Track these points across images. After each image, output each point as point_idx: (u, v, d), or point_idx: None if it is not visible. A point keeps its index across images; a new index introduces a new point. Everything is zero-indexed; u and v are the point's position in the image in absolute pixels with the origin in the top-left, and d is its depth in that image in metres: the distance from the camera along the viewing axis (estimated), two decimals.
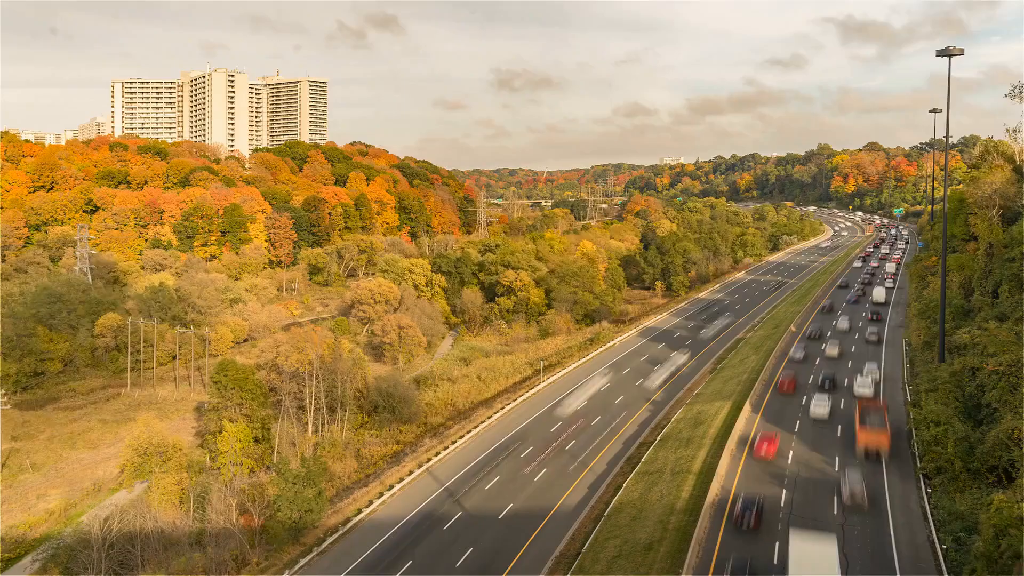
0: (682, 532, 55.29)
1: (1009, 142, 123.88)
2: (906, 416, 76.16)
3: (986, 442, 58.54)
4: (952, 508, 54.79)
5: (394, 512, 68.44)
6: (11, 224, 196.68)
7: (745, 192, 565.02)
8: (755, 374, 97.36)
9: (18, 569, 69.22)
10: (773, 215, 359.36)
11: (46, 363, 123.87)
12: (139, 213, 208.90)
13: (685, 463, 70.47)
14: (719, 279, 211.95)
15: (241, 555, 62.87)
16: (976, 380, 67.50)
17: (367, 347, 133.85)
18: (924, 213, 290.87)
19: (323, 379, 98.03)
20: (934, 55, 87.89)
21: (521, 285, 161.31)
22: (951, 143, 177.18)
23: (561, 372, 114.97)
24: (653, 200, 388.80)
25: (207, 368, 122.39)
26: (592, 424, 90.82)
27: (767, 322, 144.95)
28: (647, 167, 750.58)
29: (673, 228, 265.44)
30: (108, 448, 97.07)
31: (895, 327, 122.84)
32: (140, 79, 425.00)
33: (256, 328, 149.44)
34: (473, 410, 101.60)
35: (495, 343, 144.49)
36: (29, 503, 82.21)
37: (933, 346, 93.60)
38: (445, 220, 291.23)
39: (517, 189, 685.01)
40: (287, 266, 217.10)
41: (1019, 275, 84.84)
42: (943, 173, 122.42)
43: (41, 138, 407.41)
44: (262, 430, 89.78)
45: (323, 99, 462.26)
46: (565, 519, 65.75)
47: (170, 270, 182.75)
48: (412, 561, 59.27)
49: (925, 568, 48.21)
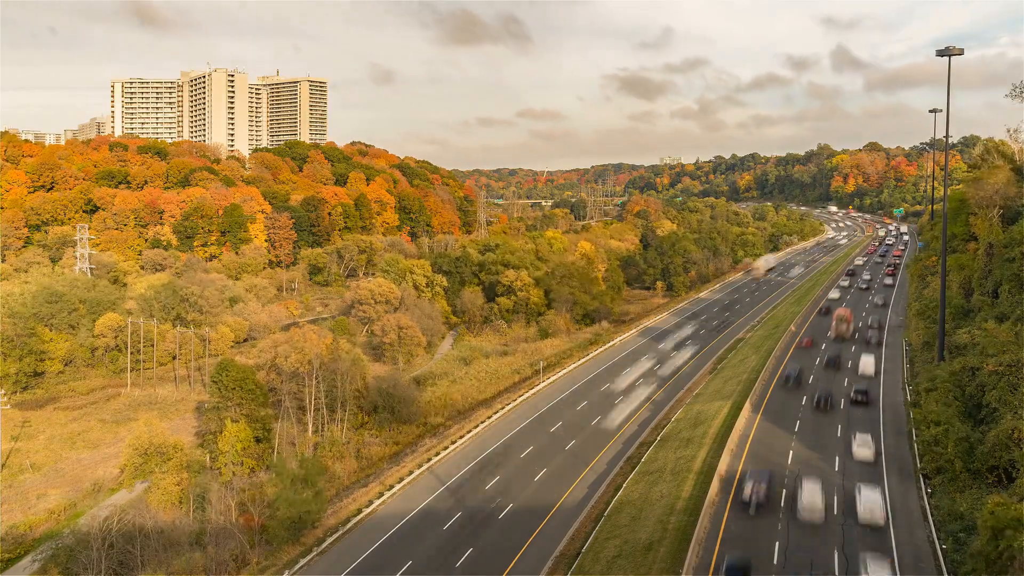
0: (682, 532, 55.23)
1: (1009, 142, 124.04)
2: (906, 416, 76.20)
3: (986, 442, 58.51)
4: (952, 508, 54.79)
5: (394, 512, 68.44)
6: (11, 224, 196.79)
7: (745, 192, 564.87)
8: (755, 374, 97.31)
9: (18, 569, 69.23)
10: (773, 215, 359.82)
11: (46, 363, 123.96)
12: (139, 213, 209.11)
13: (685, 463, 70.45)
14: (719, 279, 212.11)
15: (241, 555, 62.90)
16: (976, 380, 67.46)
17: (367, 347, 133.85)
18: (924, 213, 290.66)
19: (323, 379, 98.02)
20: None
21: (521, 285, 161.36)
22: (951, 143, 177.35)
23: (561, 372, 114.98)
24: (653, 200, 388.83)
25: (207, 368, 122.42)
26: (592, 424, 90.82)
27: (767, 322, 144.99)
28: (647, 167, 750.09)
29: (673, 228, 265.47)
30: (108, 448, 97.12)
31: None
32: (140, 79, 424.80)
33: (256, 328, 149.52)
34: (473, 410, 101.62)
35: (495, 343, 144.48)
36: (29, 503, 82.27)
37: (933, 346, 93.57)
38: (445, 220, 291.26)
39: (517, 189, 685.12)
40: (287, 266, 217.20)
41: (1019, 275, 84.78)
42: (943, 173, 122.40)
43: (41, 138, 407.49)
44: (263, 430, 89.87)
45: (323, 99, 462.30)
46: (565, 519, 65.76)
47: (170, 270, 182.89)
48: (412, 561, 59.27)
49: (925, 568, 48.20)
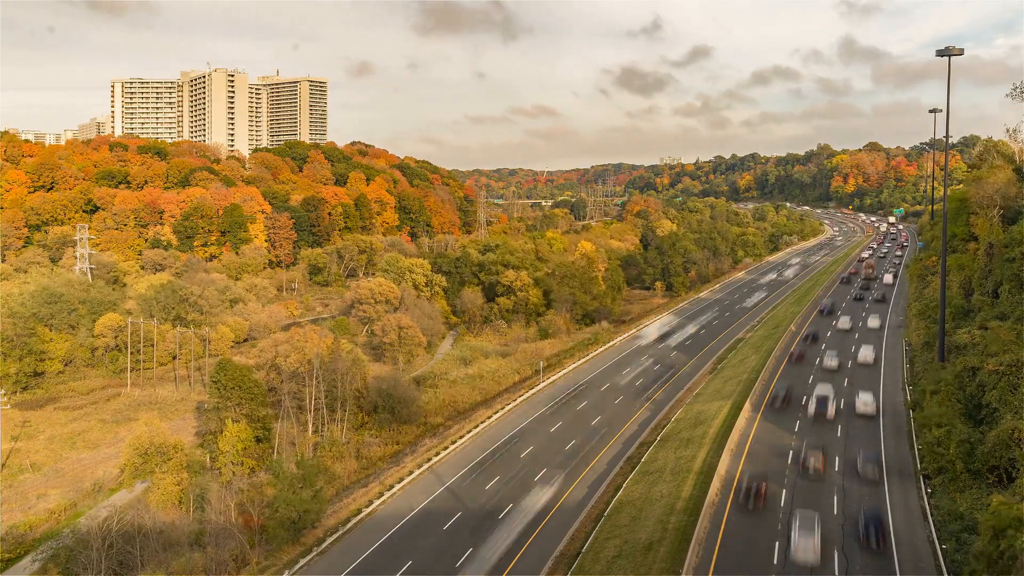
0: (682, 532, 55.24)
1: (1009, 142, 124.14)
2: (906, 416, 76.14)
3: (986, 442, 58.49)
4: (952, 508, 54.80)
5: (394, 512, 68.43)
6: (11, 224, 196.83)
7: (745, 192, 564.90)
8: (755, 374, 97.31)
9: (18, 569, 69.20)
10: (773, 215, 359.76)
11: (46, 363, 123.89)
12: (139, 213, 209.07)
13: (685, 463, 70.45)
14: (719, 279, 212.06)
15: (241, 555, 62.82)
16: (976, 380, 67.42)
17: (367, 347, 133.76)
18: (924, 213, 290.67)
19: (323, 379, 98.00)
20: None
21: (521, 285, 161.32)
22: (951, 143, 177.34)
23: (561, 372, 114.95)
24: (653, 200, 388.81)
25: (207, 368, 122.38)
26: (592, 424, 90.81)
27: (767, 322, 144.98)
28: (647, 167, 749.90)
29: (673, 228, 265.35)
30: (108, 448, 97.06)
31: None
32: (140, 79, 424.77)
33: (256, 328, 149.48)
34: (473, 410, 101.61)
35: (495, 343, 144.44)
36: (29, 503, 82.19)
37: (933, 346, 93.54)
38: (445, 220, 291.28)
39: (517, 189, 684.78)
40: (287, 266, 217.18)
41: (1019, 275, 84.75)
42: (943, 173, 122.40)
43: (41, 138, 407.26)
44: (263, 430, 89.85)
45: (323, 99, 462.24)
46: (565, 519, 65.73)
47: (170, 270, 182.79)
48: (412, 561, 59.25)
49: (925, 568, 48.20)
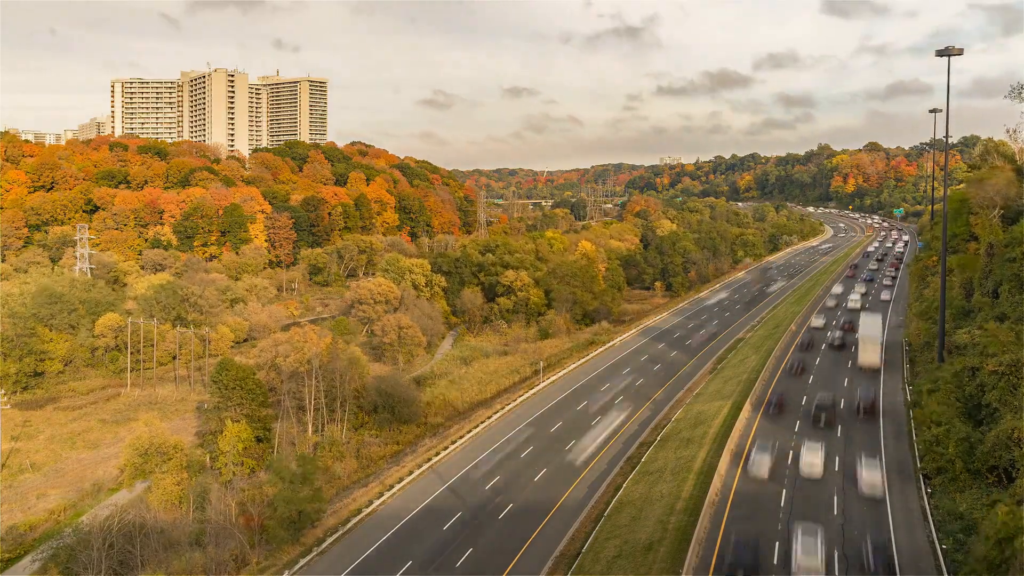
0: (682, 532, 55.21)
1: (1009, 142, 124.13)
2: (906, 416, 76.12)
3: (986, 442, 58.46)
4: (952, 508, 54.76)
5: (394, 512, 68.43)
6: (11, 224, 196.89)
7: (745, 192, 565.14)
8: (755, 374, 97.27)
9: (18, 569, 69.22)
10: (773, 215, 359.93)
11: (46, 363, 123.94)
12: (139, 213, 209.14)
13: (685, 463, 70.43)
14: (719, 279, 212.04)
15: (241, 555, 62.83)
16: (976, 380, 67.42)
17: (367, 347, 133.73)
18: (924, 213, 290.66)
19: (322, 379, 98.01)
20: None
21: (521, 285, 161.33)
22: (951, 143, 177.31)
23: (561, 372, 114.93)
24: (653, 200, 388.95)
25: (207, 368, 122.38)
26: (592, 424, 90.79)
27: (767, 322, 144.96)
28: (647, 167, 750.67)
29: (673, 228, 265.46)
30: (108, 448, 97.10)
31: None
32: (140, 79, 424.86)
33: (256, 328, 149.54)
34: (473, 410, 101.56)
35: (495, 343, 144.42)
36: (29, 503, 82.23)
37: (933, 346, 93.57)
38: (445, 220, 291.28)
39: (517, 189, 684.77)
40: (287, 266, 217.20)
41: (1019, 275, 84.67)
42: (943, 173, 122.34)
43: (41, 138, 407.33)
44: (263, 430, 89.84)
45: (323, 99, 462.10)
46: (565, 519, 65.73)
47: (170, 270, 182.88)
48: (412, 561, 59.25)
49: (925, 568, 48.15)
